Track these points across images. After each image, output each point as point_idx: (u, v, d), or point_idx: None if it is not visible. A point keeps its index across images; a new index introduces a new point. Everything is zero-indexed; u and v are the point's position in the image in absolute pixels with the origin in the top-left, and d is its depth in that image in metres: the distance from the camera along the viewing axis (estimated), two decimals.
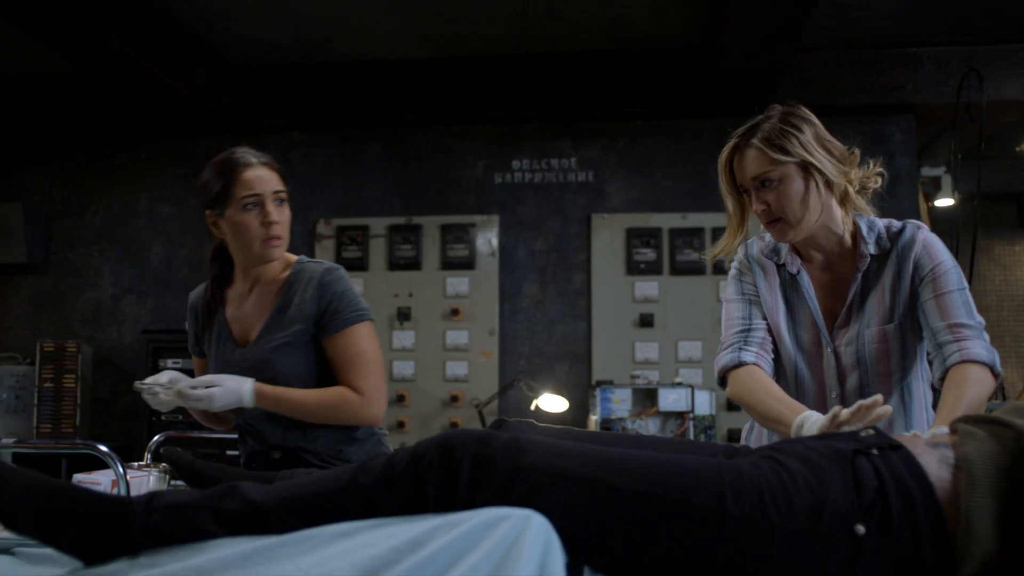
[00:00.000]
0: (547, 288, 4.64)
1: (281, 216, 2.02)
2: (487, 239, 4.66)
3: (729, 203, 1.88)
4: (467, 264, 4.64)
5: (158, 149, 4.88)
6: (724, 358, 1.92)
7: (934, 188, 5.48)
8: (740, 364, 1.89)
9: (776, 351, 1.97)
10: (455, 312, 4.60)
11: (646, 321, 4.52)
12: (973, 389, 1.68)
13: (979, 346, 1.75)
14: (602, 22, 4.22)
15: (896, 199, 4.49)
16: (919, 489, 1.12)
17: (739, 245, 1.95)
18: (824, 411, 1.89)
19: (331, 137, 4.80)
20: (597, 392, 4.11)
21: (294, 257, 2.12)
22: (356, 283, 4.59)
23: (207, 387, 1.93)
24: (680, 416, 4.11)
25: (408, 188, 4.74)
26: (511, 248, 4.65)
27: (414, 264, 4.66)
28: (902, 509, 1.10)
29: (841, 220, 1.88)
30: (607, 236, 4.62)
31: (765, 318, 1.96)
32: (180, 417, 3.87)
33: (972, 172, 4.21)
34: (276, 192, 2.03)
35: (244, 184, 1.99)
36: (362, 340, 2.02)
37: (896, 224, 1.92)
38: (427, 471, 1.13)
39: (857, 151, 1.89)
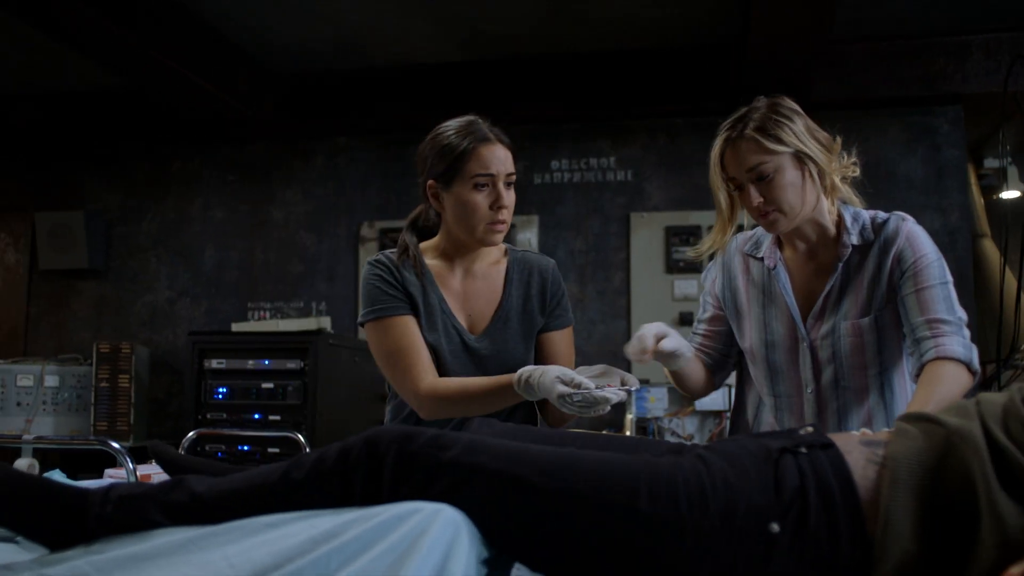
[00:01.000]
0: (587, 287, 4.64)
1: (510, 200, 1.90)
2: (527, 239, 4.69)
3: (721, 197, 1.86)
4: None
5: (210, 156, 5.06)
6: None
7: (999, 180, 5.28)
8: None
9: (743, 348, 2.00)
10: None
11: (686, 320, 4.48)
12: (946, 386, 1.65)
13: (956, 343, 1.71)
14: (636, 20, 4.21)
15: (944, 192, 4.37)
16: (841, 488, 1.11)
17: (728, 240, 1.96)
18: (801, 406, 1.90)
19: (373, 142, 4.90)
20: (633, 391, 4.09)
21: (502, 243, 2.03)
22: None
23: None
24: (718, 415, 4.07)
25: None
26: (550, 248, 4.67)
27: None
28: (821, 508, 1.10)
29: (827, 210, 1.88)
30: (646, 235, 4.60)
31: (716, 323, 2.02)
32: (224, 415, 4.02)
33: None
34: (508, 174, 1.90)
35: (480, 161, 1.87)
36: (571, 339, 2.05)
37: (881, 215, 1.90)
38: (354, 467, 1.17)
39: (839, 139, 1.86)
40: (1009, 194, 5.02)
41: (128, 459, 2.02)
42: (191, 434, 3.02)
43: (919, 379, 1.71)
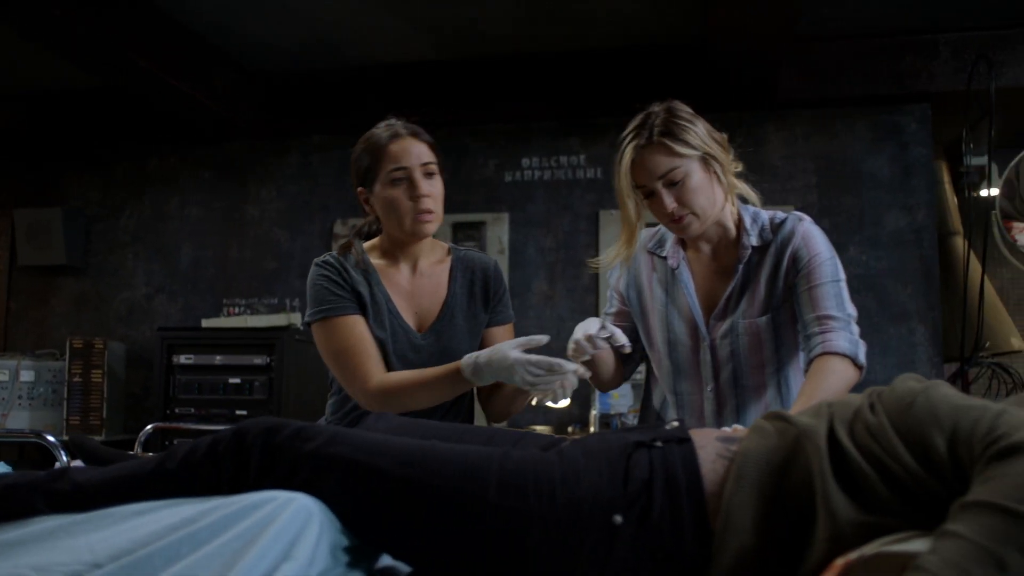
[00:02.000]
0: (556, 285, 4.68)
1: (432, 189, 1.94)
2: (497, 237, 4.72)
3: (630, 206, 1.85)
4: None
5: (187, 154, 5.11)
6: None
7: (980, 178, 5.29)
8: None
9: (646, 346, 2.03)
10: None
11: None
12: (830, 381, 1.68)
13: (843, 338, 1.74)
14: (607, 20, 4.24)
15: (910, 191, 4.39)
16: (687, 482, 1.15)
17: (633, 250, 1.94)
18: (701, 404, 1.93)
19: (348, 140, 4.88)
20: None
21: (443, 243, 2.10)
22: None
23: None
24: None
25: None
26: (520, 245, 4.71)
27: None
28: (665, 500, 1.13)
29: (728, 210, 1.90)
30: (615, 232, 4.59)
31: (618, 322, 2.03)
32: (192, 410, 4.07)
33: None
34: (424, 164, 1.94)
35: (391, 157, 1.93)
36: (513, 335, 2.07)
37: (780, 216, 1.92)
38: (222, 457, 1.21)
39: (724, 135, 1.88)
40: (992, 191, 5.03)
41: (62, 452, 2.06)
42: (148, 428, 3.06)
43: (806, 374, 1.74)
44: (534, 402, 1.86)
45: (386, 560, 1.25)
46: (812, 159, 4.49)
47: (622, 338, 1.76)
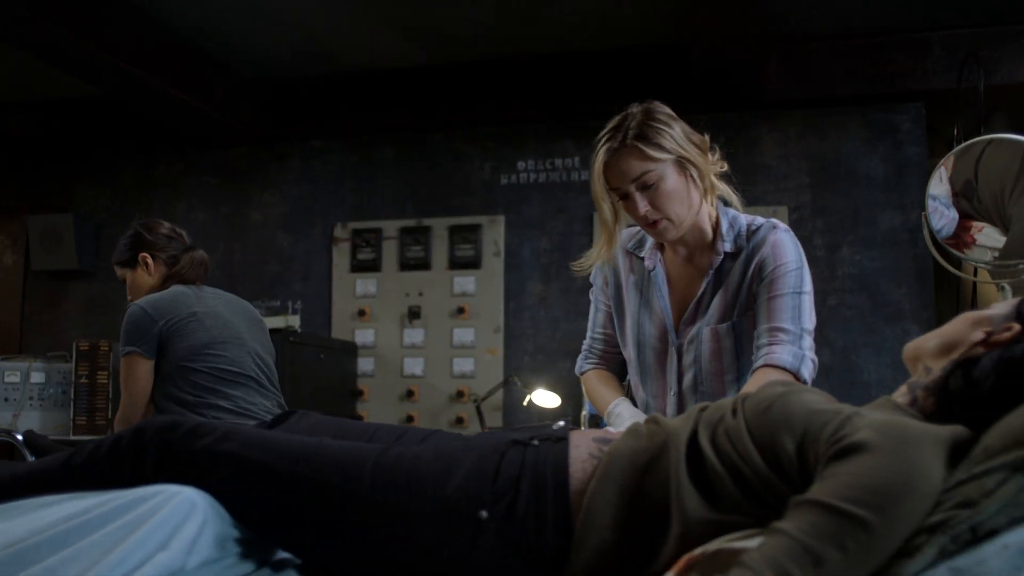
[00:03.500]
0: (551, 286, 4.72)
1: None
2: (492, 239, 4.78)
3: (606, 208, 1.84)
4: (473, 264, 4.77)
5: (192, 160, 5.23)
6: (577, 364, 2.12)
7: None
8: (583, 372, 2.09)
9: (621, 346, 2.04)
10: (461, 311, 4.74)
11: None
12: None
13: (788, 352, 1.74)
14: (596, 23, 4.27)
15: (904, 190, 4.36)
16: (554, 480, 1.19)
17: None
18: (664, 409, 1.94)
19: (346, 144, 5.03)
20: None
21: None
22: (369, 284, 4.85)
23: None
24: None
25: (419, 191, 4.91)
26: (516, 248, 4.76)
27: (424, 264, 4.83)
28: (531, 497, 1.17)
29: (707, 214, 1.89)
30: None
31: (608, 323, 2.05)
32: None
33: None
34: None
35: None
36: None
37: (758, 222, 1.90)
38: (123, 454, 1.28)
39: (707, 136, 1.88)
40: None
41: (27, 451, 2.15)
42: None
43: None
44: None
45: (283, 553, 1.31)
46: (805, 159, 4.48)
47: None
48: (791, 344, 1.77)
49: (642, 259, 1.98)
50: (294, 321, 4.56)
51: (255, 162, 5.14)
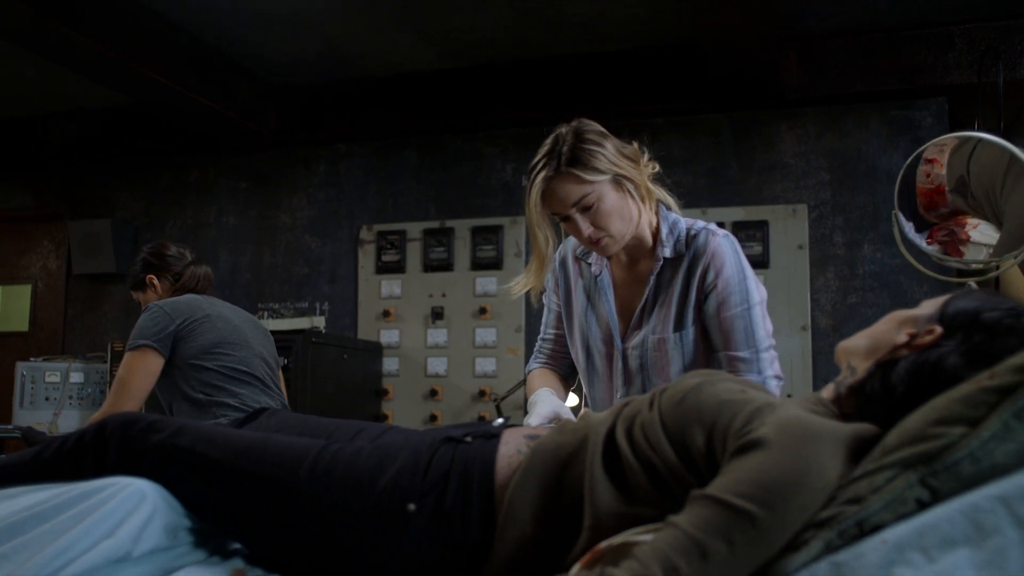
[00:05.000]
0: None
1: None
2: (514, 240, 4.82)
3: (540, 237, 1.86)
4: (495, 264, 4.82)
5: (223, 166, 5.37)
6: (529, 364, 2.16)
7: None
8: (529, 371, 2.14)
9: (570, 347, 2.09)
10: (483, 311, 4.80)
11: None
12: None
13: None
14: (613, 22, 4.30)
15: None
16: (480, 474, 1.23)
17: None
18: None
19: (370, 148, 5.12)
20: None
21: None
22: (394, 285, 4.93)
23: None
24: None
25: (442, 193, 4.99)
26: None
27: (446, 266, 4.90)
28: (458, 491, 1.22)
29: (647, 221, 1.91)
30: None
31: (559, 324, 2.09)
32: None
33: None
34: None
35: None
36: None
37: (696, 227, 1.92)
38: (87, 449, 1.36)
39: (635, 143, 1.90)
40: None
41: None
42: None
43: None
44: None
45: (237, 544, 1.37)
46: (825, 156, 4.44)
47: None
48: (749, 373, 1.81)
49: (590, 265, 2.00)
50: (319, 322, 4.66)
51: (283, 167, 5.26)
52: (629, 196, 1.84)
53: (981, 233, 2.30)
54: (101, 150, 5.48)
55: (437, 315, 4.89)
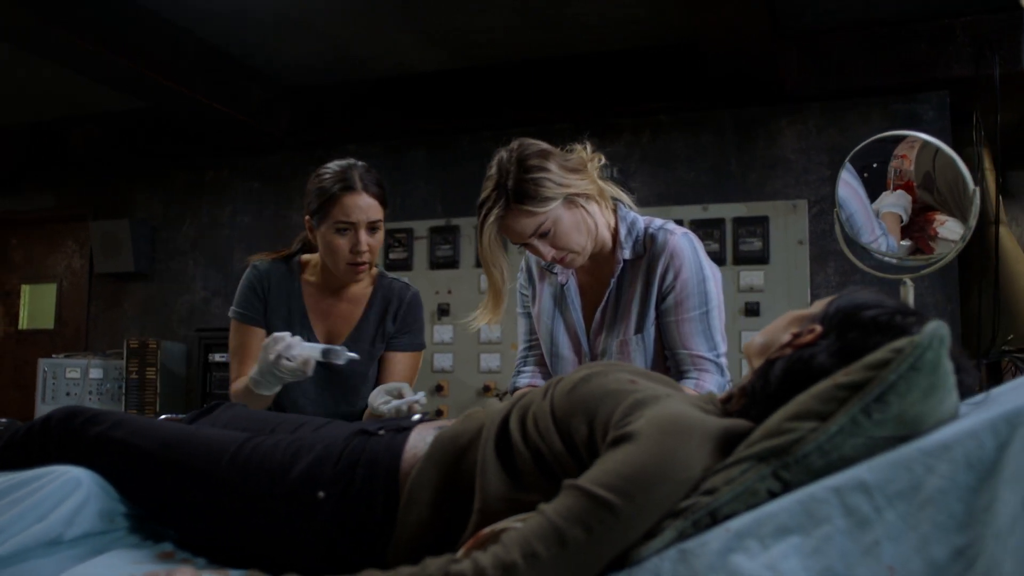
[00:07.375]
0: None
1: (372, 242, 2.07)
2: None
3: (496, 273, 1.85)
4: None
5: (237, 166, 5.50)
6: (513, 380, 2.14)
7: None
8: (516, 388, 2.10)
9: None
10: None
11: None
12: None
13: (714, 382, 1.81)
14: (615, 22, 4.33)
15: None
16: (387, 463, 1.30)
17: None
18: None
19: (379, 148, 5.21)
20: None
21: (376, 270, 2.24)
22: None
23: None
24: None
25: (449, 192, 5.06)
26: None
27: (452, 263, 4.97)
28: (365, 480, 1.28)
29: (605, 224, 1.90)
30: None
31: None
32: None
33: None
34: (372, 222, 2.06)
35: (343, 209, 2.03)
36: (413, 363, 2.23)
37: (654, 225, 1.91)
38: (33, 439, 1.45)
39: (578, 146, 1.89)
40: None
41: None
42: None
43: None
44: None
45: None
46: (826, 152, 4.44)
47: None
48: (715, 375, 1.83)
49: (556, 274, 2.02)
50: None
51: (294, 166, 5.37)
52: (583, 210, 1.83)
53: (948, 229, 2.31)
54: (120, 153, 5.64)
55: (443, 312, 4.97)
